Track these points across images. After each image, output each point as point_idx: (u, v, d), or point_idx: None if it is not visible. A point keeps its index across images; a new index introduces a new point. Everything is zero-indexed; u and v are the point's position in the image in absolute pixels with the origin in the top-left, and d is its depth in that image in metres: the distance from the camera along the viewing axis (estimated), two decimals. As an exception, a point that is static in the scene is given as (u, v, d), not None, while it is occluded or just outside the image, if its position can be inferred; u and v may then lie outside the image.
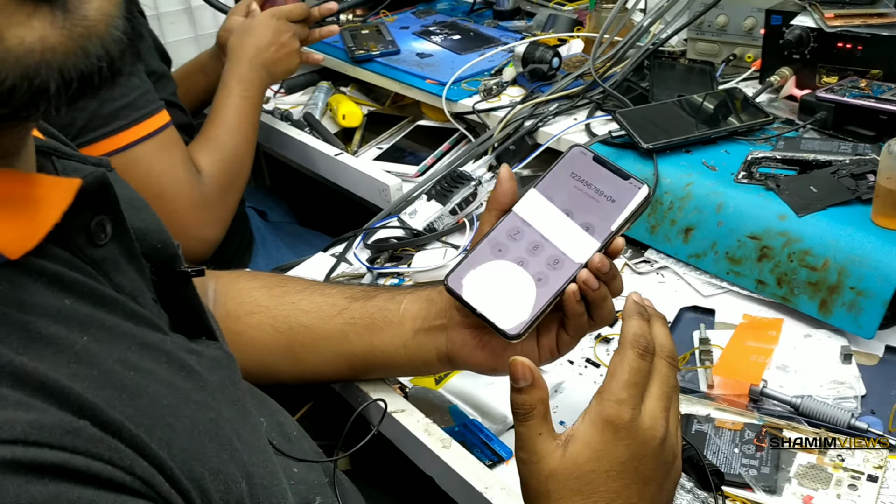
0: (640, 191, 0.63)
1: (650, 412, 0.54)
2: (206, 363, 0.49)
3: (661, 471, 0.54)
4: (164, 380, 0.42)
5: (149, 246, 0.51)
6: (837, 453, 0.71)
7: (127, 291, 0.46)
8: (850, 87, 1.05)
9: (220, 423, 0.44)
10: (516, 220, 0.65)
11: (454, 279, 0.65)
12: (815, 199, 0.91)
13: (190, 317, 0.53)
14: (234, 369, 0.53)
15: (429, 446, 0.75)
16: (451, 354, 0.70)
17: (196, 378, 0.46)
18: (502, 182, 0.66)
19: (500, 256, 0.64)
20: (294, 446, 0.65)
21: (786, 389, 0.78)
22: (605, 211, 0.63)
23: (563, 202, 0.64)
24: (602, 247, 0.63)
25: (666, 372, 0.56)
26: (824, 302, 0.85)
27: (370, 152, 1.38)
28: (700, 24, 1.28)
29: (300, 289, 0.78)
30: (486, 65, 1.39)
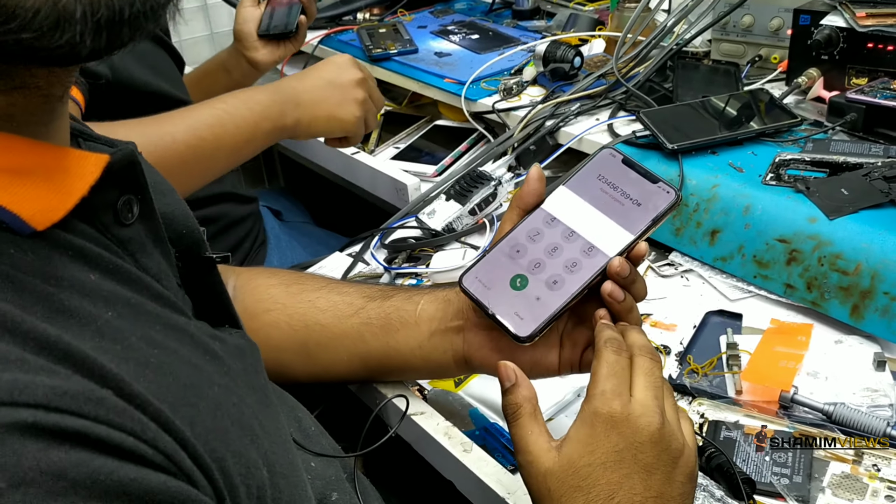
0: (668, 195, 0.62)
1: (640, 401, 0.54)
2: (230, 350, 0.48)
3: (663, 459, 0.53)
4: (188, 360, 0.41)
5: (174, 231, 0.51)
6: (873, 463, 0.69)
7: (152, 273, 0.45)
8: (881, 89, 1.02)
9: (242, 409, 0.43)
10: (537, 222, 0.64)
11: (469, 279, 0.64)
12: (847, 202, 0.88)
13: (214, 304, 0.52)
14: (256, 358, 0.52)
15: (449, 450, 0.73)
16: (466, 357, 0.68)
17: (220, 362, 0.45)
18: (531, 182, 0.65)
19: (518, 257, 0.63)
20: (312, 441, 0.63)
21: (817, 396, 0.76)
22: (630, 214, 0.62)
23: (588, 204, 0.63)
24: (623, 251, 0.61)
25: (648, 366, 0.56)
26: (856, 307, 0.83)
27: (387, 152, 1.36)
28: (725, 25, 1.26)
29: (318, 287, 0.76)
30: (506, 64, 1.37)
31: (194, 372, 0.41)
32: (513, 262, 0.63)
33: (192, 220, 0.52)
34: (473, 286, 0.63)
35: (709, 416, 0.76)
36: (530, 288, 0.62)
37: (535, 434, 0.54)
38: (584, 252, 0.62)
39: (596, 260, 0.61)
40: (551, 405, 0.79)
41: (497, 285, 0.63)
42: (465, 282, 0.64)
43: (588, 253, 0.62)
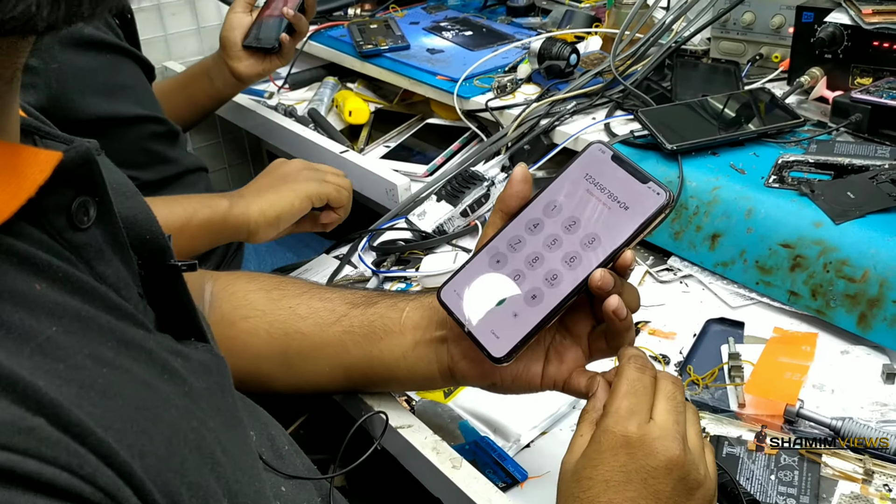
0: (658, 197, 0.55)
1: (660, 424, 0.51)
2: (193, 367, 0.44)
3: (679, 489, 0.50)
4: (143, 380, 0.37)
5: (136, 236, 0.46)
6: (884, 483, 0.66)
7: (110, 283, 0.41)
8: (887, 88, 0.99)
9: (203, 434, 0.39)
10: (519, 228, 0.59)
11: (447, 291, 0.60)
12: (853, 206, 0.85)
13: (179, 315, 0.48)
14: (224, 375, 0.48)
15: (437, 466, 0.69)
16: (451, 368, 0.64)
17: (180, 382, 0.41)
18: (514, 183, 0.60)
19: (498, 268, 0.59)
20: (285, 462, 0.59)
21: (823, 410, 0.72)
22: (615, 219, 0.56)
23: (571, 208, 0.58)
24: (606, 261, 0.56)
25: (671, 389, 0.53)
26: (863, 316, 0.79)
27: (377, 150, 1.32)
28: (725, 22, 1.23)
29: (299, 293, 0.72)
30: (500, 61, 1.33)
31: (149, 393, 0.37)
32: (493, 273, 0.59)
33: (156, 225, 0.48)
34: (451, 299, 0.59)
35: (710, 431, 0.72)
36: (509, 303, 0.57)
37: (584, 438, 0.53)
38: (565, 263, 0.57)
39: (578, 272, 0.56)
40: (546, 417, 0.76)
41: (475, 299, 0.59)
42: (443, 294, 0.60)
43: (570, 264, 0.57)
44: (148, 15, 1.65)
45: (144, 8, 1.65)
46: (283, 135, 1.36)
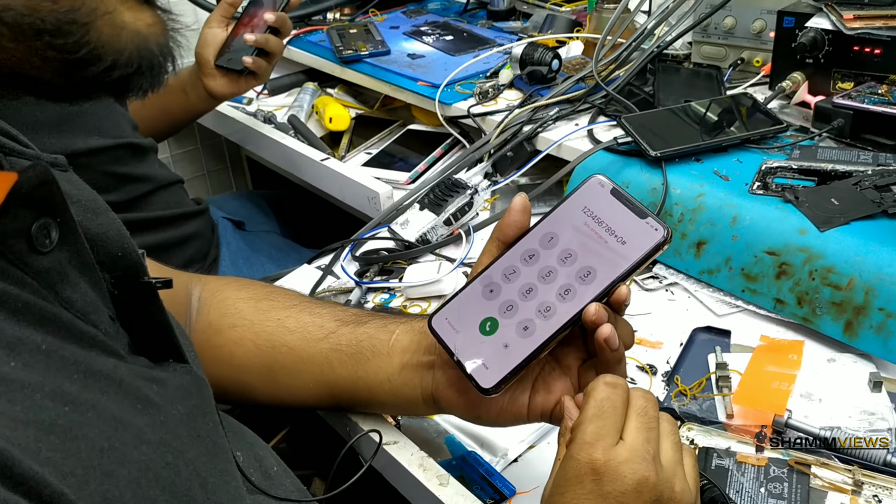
0: (655, 233, 0.55)
1: (628, 445, 0.50)
2: (170, 393, 0.42)
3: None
4: (111, 415, 0.36)
5: (108, 254, 0.45)
6: (874, 493, 0.65)
7: (77, 308, 0.40)
8: (868, 93, 0.99)
9: (178, 468, 0.38)
10: (514, 258, 0.59)
11: (438, 319, 0.59)
12: (838, 213, 0.85)
13: (155, 335, 0.46)
14: (204, 397, 0.46)
15: (424, 483, 0.68)
16: (435, 395, 0.63)
17: (154, 411, 0.39)
18: (513, 213, 0.59)
19: (491, 298, 0.58)
20: (274, 483, 0.58)
21: (811, 420, 0.72)
22: (612, 254, 0.56)
23: (568, 240, 0.57)
24: (601, 295, 0.55)
25: (642, 404, 0.52)
26: (849, 323, 0.79)
27: (358, 157, 1.31)
28: (706, 27, 1.22)
29: (289, 305, 0.71)
30: (481, 67, 1.33)
31: (116, 430, 0.35)
32: (485, 302, 0.58)
33: (128, 242, 0.47)
34: (442, 328, 0.58)
35: (699, 443, 0.72)
36: (499, 334, 0.57)
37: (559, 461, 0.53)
38: (559, 295, 0.56)
39: (571, 305, 0.56)
40: (534, 430, 0.75)
41: (466, 328, 0.58)
42: (434, 322, 0.59)
43: (564, 297, 0.56)
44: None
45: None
46: (262, 142, 1.35)
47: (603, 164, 1.01)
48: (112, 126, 1.10)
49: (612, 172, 1.01)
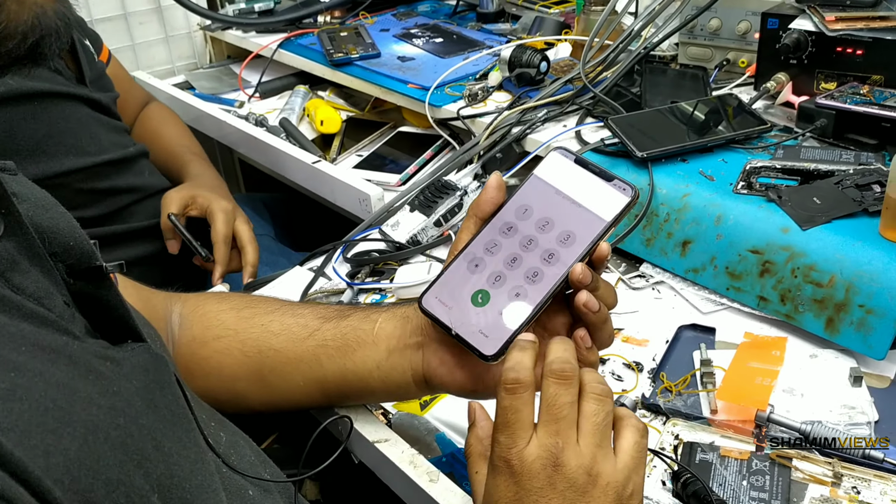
0: (624, 193, 0.59)
1: (538, 441, 0.51)
2: (125, 371, 0.44)
3: (569, 497, 0.50)
4: (58, 382, 0.38)
5: (60, 244, 0.48)
6: (852, 485, 0.67)
7: (29, 293, 0.42)
8: (851, 94, 1.01)
9: (130, 431, 0.39)
10: (494, 232, 0.61)
11: (429, 298, 0.61)
12: (820, 212, 0.86)
13: (112, 318, 0.48)
14: (163, 372, 0.47)
15: (415, 480, 0.69)
16: (427, 375, 0.64)
17: (106, 382, 0.41)
18: (489, 190, 0.62)
19: (477, 272, 0.60)
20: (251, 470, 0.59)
21: (793, 414, 0.74)
22: (587, 216, 0.59)
23: (542, 210, 0.60)
24: (583, 256, 0.58)
25: (552, 392, 0.52)
26: (831, 320, 0.81)
27: (349, 160, 1.32)
28: (692, 28, 1.24)
29: (271, 310, 0.72)
30: (471, 69, 1.34)
31: (64, 394, 0.37)
32: (472, 276, 0.60)
33: (79, 232, 0.49)
34: (434, 306, 0.60)
35: (684, 438, 0.73)
36: (493, 303, 0.59)
37: (481, 475, 0.54)
38: (544, 260, 0.59)
39: (557, 268, 0.58)
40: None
41: (458, 303, 0.60)
42: (424, 302, 0.61)
43: (549, 261, 0.59)
44: (116, 25, 1.64)
45: (112, 18, 1.63)
46: (254, 145, 1.36)
47: (590, 165, 1.03)
48: (91, 143, 1.11)
49: (599, 173, 1.02)
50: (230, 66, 1.73)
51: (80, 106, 1.10)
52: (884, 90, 1.01)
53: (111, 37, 1.63)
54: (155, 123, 1.34)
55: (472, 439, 0.56)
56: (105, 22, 1.62)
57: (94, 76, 1.17)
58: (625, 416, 0.55)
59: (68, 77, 1.11)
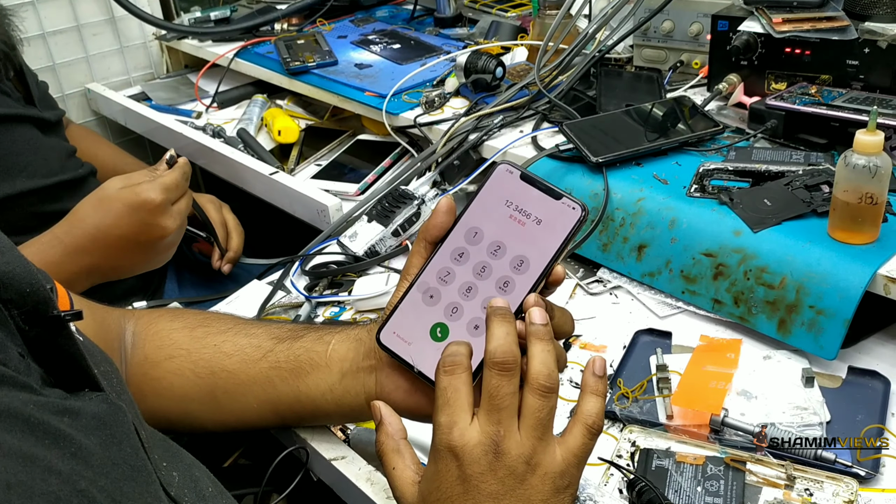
0: (574, 212, 0.57)
1: (479, 427, 0.52)
2: (83, 423, 0.43)
3: (508, 484, 0.51)
4: (17, 452, 0.36)
5: (16, 290, 0.45)
6: (805, 487, 0.68)
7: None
8: (800, 94, 1.02)
9: (92, 494, 0.38)
10: (446, 259, 0.59)
11: (387, 334, 0.60)
12: (770, 214, 0.87)
13: (69, 367, 0.47)
14: (121, 422, 0.46)
15: (372, 497, 0.69)
16: (380, 398, 0.64)
17: (65, 444, 0.40)
18: (438, 214, 0.60)
19: (433, 303, 0.59)
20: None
21: (748, 417, 0.74)
22: (538, 239, 0.57)
23: (493, 233, 0.58)
24: (536, 284, 0.57)
25: (494, 383, 0.52)
26: (783, 321, 0.82)
27: (308, 170, 1.31)
28: (646, 31, 1.25)
29: (224, 329, 0.71)
30: (428, 75, 1.34)
31: (24, 466, 0.36)
32: (429, 308, 0.59)
33: (35, 277, 0.47)
34: (392, 342, 0.59)
35: (640, 444, 0.74)
36: (452, 336, 0.58)
37: (399, 469, 0.55)
38: (499, 289, 0.58)
39: (513, 297, 0.57)
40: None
41: (417, 338, 0.58)
42: (383, 338, 0.60)
43: (504, 289, 0.58)
44: (68, 37, 1.61)
45: (64, 30, 1.60)
46: (212, 156, 1.35)
47: (546, 171, 1.03)
48: (41, 164, 1.09)
49: (555, 178, 1.02)
50: (188, 76, 1.71)
51: (29, 127, 1.08)
52: (832, 90, 1.02)
53: (64, 49, 1.60)
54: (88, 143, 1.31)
55: (382, 436, 0.56)
56: (58, 34, 1.59)
57: (40, 95, 1.15)
58: (582, 413, 0.55)
59: (16, 98, 1.09)
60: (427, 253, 0.61)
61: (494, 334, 0.54)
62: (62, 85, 1.62)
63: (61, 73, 1.61)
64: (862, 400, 0.75)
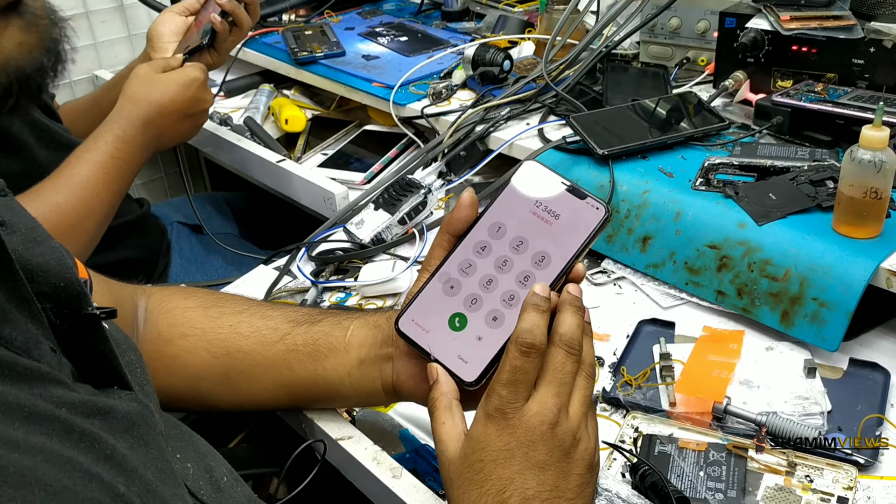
0: (597, 212, 0.58)
1: (539, 399, 0.54)
2: (113, 425, 0.42)
3: (556, 454, 0.53)
4: (58, 457, 0.36)
5: (49, 283, 0.45)
6: (805, 474, 0.69)
7: (17, 345, 0.39)
8: (806, 91, 1.03)
9: (130, 500, 0.38)
10: (468, 252, 0.60)
11: (405, 321, 0.60)
12: (775, 207, 0.88)
13: (99, 364, 0.46)
14: (149, 424, 0.46)
15: (378, 476, 0.70)
16: (396, 386, 0.65)
17: (99, 446, 0.39)
18: (462, 208, 0.60)
19: (453, 293, 0.59)
20: (224, 495, 0.58)
21: (750, 406, 0.75)
22: (561, 236, 0.58)
23: (517, 228, 0.59)
24: (556, 280, 0.57)
25: (560, 360, 0.55)
26: (786, 313, 0.83)
27: (314, 158, 1.32)
28: (653, 27, 1.26)
29: (239, 310, 0.72)
30: (435, 67, 1.34)
31: (66, 471, 0.35)
32: (449, 299, 0.59)
33: (70, 271, 0.46)
34: (411, 330, 0.59)
35: (643, 430, 0.74)
36: (470, 327, 0.58)
37: (448, 425, 0.56)
38: (520, 282, 0.58)
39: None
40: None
41: (435, 327, 0.59)
42: (401, 325, 0.60)
43: (524, 283, 0.58)
44: (77, 23, 1.62)
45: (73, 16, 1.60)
46: (218, 144, 1.35)
47: (553, 163, 1.04)
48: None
49: (562, 170, 1.01)
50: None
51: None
52: (838, 88, 1.03)
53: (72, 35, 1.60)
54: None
55: (437, 394, 0.57)
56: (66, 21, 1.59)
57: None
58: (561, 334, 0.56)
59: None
60: (449, 245, 0.61)
61: (566, 318, 0.55)
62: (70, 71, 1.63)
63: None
64: (863, 391, 0.76)
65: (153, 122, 1.06)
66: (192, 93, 1.09)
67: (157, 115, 1.07)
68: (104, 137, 1.03)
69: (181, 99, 1.08)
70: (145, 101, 1.07)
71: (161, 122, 1.07)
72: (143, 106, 1.06)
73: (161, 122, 1.07)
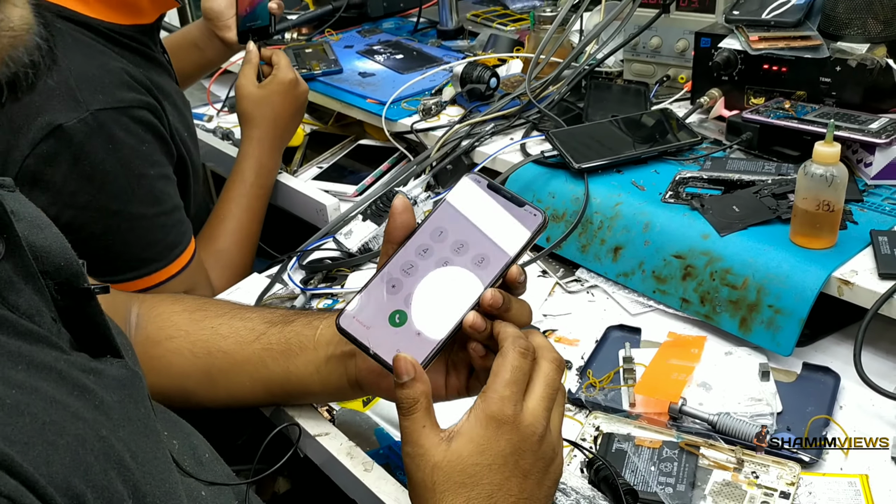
0: (535, 218, 0.62)
1: (532, 409, 0.56)
2: (107, 382, 0.49)
3: (539, 465, 0.56)
4: (51, 397, 0.42)
5: (51, 263, 0.51)
6: (752, 470, 0.73)
7: (22, 311, 0.46)
8: (774, 109, 1.07)
9: (111, 442, 0.44)
10: (410, 253, 0.63)
11: (346, 319, 0.61)
12: (737, 219, 0.93)
13: (94, 335, 0.53)
14: (138, 387, 0.53)
15: (351, 470, 0.75)
16: (359, 380, 0.70)
17: (90, 396, 0.46)
18: (395, 216, 0.63)
19: (394, 292, 0.62)
20: (206, 468, 0.64)
21: (706, 407, 0.80)
22: (500, 240, 0.62)
23: (457, 232, 0.62)
24: (495, 280, 0.61)
25: (551, 373, 0.58)
26: (744, 320, 0.87)
27: (310, 171, 1.38)
28: (635, 46, 1.31)
29: (221, 313, 0.77)
30: (427, 84, 1.40)
31: (56, 409, 0.42)
32: (390, 297, 0.62)
33: (69, 253, 0.53)
34: (352, 326, 0.62)
35: (603, 429, 0.79)
36: (410, 323, 0.61)
37: (428, 428, 0.56)
38: (457, 285, 0.61)
39: (470, 291, 0.61)
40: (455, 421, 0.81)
41: (376, 324, 0.61)
42: (342, 322, 0.62)
43: (461, 285, 0.61)
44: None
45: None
46: (220, 158, 1.41)
47: (531, 176, 1.09)
48: None
49: (539, 183, 1.08)
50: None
51: None
52: (806, 105, 1.07)
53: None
54: None
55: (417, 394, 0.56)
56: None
57: None
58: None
59: None
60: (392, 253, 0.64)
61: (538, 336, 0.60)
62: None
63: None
64: (813, 393, 0.80)
65: (278, 136, 1.23)
66: (293, 93, 1.23)
67: (280, 128, 1.23)
68: (245, 173, 1.20)
69: (288, 104, 1.23)
70: (263, 121, 1.22)
71: (283, 128, 1.24)
72: (264, 127, 1.22)
73: (283, 128, 1.24)
